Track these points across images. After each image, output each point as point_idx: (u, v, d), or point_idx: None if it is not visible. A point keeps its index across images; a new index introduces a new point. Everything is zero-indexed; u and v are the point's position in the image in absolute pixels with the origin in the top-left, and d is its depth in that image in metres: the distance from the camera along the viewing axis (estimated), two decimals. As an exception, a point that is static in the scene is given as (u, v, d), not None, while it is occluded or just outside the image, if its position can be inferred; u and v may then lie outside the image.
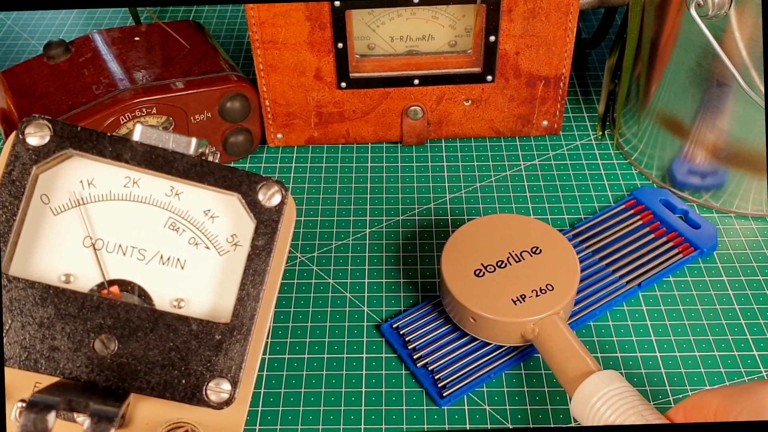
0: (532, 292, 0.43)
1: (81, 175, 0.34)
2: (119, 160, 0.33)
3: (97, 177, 0.34)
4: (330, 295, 0.48)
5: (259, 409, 0.43)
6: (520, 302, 0.42)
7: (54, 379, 0.32)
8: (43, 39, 0.72)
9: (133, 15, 0.67)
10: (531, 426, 0.42)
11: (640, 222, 0.51)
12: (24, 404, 0.32)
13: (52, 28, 0.74)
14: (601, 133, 0.60)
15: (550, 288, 0.43)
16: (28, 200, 0.33)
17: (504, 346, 0.45)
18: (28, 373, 0.33)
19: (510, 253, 0.45)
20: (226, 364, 0.33)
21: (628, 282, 0.48)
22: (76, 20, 0.75)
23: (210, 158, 0.35)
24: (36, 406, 0.28)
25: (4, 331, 0.31)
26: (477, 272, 0.44)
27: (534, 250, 0.45)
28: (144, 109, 0.52)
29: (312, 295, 0.49)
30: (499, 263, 0.44)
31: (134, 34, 0.58)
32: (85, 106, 0.51)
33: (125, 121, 0.51)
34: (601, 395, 0.36)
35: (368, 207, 0.54)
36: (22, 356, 0.31)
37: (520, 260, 0.44)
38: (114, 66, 0.54)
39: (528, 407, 0.42)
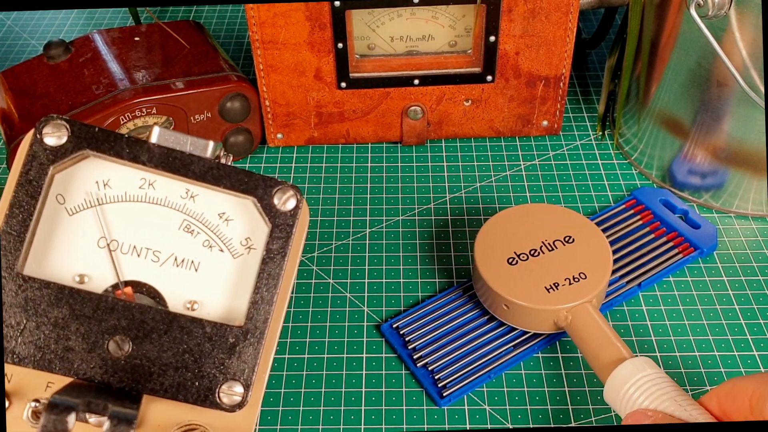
0: (565, 280, 0.43)
1: (97, 175, 0.34)
2: (136, 162, 0.33)
3: (112, 178, 0.34)
4: (330, 295, 0.49)
5: (260, 409, 0.43)
6: (554, 290, 0.43)
7: (66, 380, 0.32)
8: (43, 39, 0.72)
9: (133, 15, 0.67)
10: (531, 426, 0.42)
11: (640, 222, 0.51)
12: (37, 404, 0.32)
13: (52, 28, 0.74)
14: (601, 133, 0.60)
15: (583, 276, 0.43)
16: (44, 200, 0.33)
17: (504, 345, 0.45)
18: (40, 373, 0.33)
19: (543, 242, 0.45)
20: (239, 367, 0.33)
21: (628, 282, 0.48)
22: (76, 20, 0.75)
23: (223, 161, 0.35)
24: (56, 407, 0.28)
25: (19, 330, 0.31)
26: (510, 260, 0.44)
27: (567, 239, 0.45)
28: (144, 109, 0.52)
29: (312, 295, 0.49)
30: (532, 252, 0.45)
31: (134, 34, 0.58)
32: (85, 106, 0.51)
33: (125, 121, 0.52)
34: (634, 381, 0.36)
35: (368, 207, 0.54)
36: (37, 356, 0.31)
37: (553, 249, 0.45)
38: (114, 66, 0.54)
39: (528, 407, 0.42)
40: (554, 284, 0.43)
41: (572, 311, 0.42)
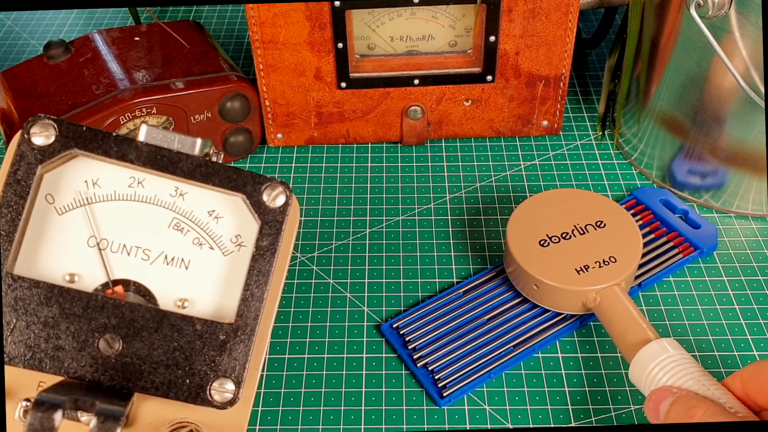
0: (596, 263, 0.44)
1: (86, 174, 0.34)
2: (124, 161, 0.33)
3: (101, 177, 0.34)
4: (330, 295, 0.48)
5: (259, 409, 0.43)
6: (584, 272, 0.44)
7: (58, 379, 0.32)
8: (43, 39, 0.72)
9: (133, 15, 0.67)
10: (531, 426, 0.42)
11: (641, 222, 0.51)
12: (29, 403, 0.32)
13: (52, 28, 0.74)
14: (601, 133, 0.60)
15: (613, 260, 0.44)
16: (33, 200, 0.33)
17: (504, 345, 0.45)
18: (32, 373, 0.33)
19: (575, 226, 0.46)
20: (230, 364, 0.33)
21: (628, 282, 0.48)
22: (76, 20, 0.75)
23: (213, 158, 0.35)
24: (42, 405, 0.28)
25: (9, 330, 0.31)
26: (542, 242, 0.45)
27: (598, 224, 0.46)
28: (144, 109, 0.52)
29: (312, 295, 0.49)
30: (563, 235, 0.46)
31: (134, 34, 0.58)
32: (85, 106, 0.51)
33: (125, 121, 0.51)
34: (658, 362, 0.37)
35: (368, 207, 0.54)
36: (27, 355, 0.31)
37: (584, 233, 0.46)
38: (114, 66, 0.54)
39: (528, 407, 0.42)
40: (584, 266, 0.44)
41: (601, 293, 0.43)
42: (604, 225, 0.46)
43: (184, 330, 0.32)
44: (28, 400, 0.32)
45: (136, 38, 0.57)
